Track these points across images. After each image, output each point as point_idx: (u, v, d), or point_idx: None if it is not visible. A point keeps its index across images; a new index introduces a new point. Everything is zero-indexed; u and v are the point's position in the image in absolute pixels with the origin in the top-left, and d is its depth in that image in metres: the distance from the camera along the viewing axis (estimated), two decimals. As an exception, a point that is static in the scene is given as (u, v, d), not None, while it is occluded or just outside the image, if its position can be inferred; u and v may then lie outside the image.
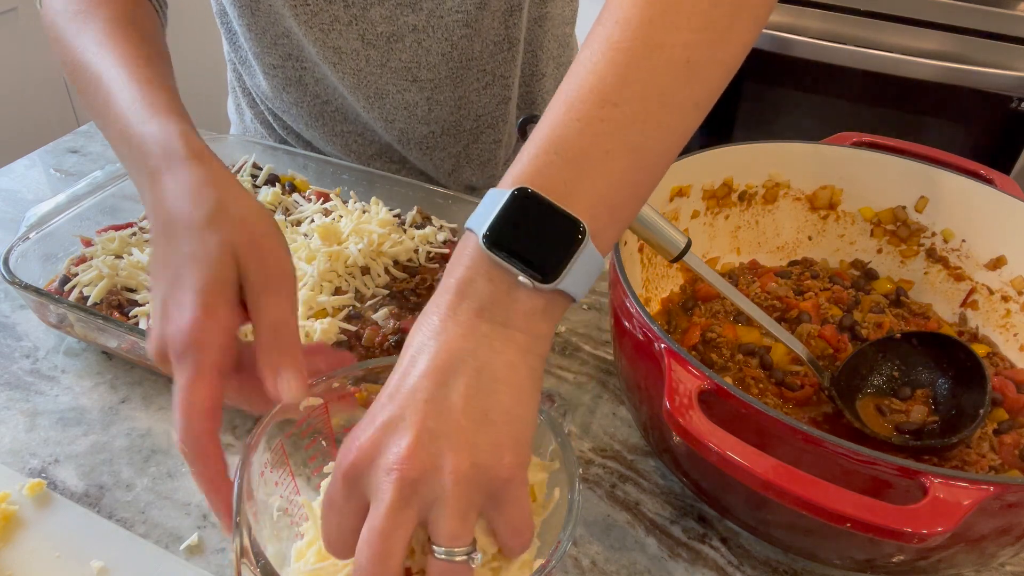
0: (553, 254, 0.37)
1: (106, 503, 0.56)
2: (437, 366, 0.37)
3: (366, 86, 0.78)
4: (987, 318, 0.67)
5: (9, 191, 0.91)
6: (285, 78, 0.81)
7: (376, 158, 0.88)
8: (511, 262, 0.37)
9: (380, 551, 0.35)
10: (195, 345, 0.42)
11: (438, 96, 0.80)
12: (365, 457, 0.36)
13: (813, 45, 1.47)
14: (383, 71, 0.77)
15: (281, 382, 0.43)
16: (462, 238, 0.39)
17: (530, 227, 0.37)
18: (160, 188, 0.47)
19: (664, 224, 0.56)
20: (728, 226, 0.73)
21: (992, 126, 1.47)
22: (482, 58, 0.80)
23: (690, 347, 0.64)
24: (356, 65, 0.76)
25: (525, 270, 0.37)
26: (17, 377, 0.67)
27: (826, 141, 0.70)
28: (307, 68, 0.79)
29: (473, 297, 0.37)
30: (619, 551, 0.55)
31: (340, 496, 0.37)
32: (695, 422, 0.42)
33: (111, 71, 0.52)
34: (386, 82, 0.78)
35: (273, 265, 0.45)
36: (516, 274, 0.37)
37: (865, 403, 0.60)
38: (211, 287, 0.43)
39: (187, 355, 0.42)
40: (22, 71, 1.92)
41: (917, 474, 0.40)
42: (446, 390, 0.36)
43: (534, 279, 0.37)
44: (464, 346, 0.37)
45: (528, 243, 0.37)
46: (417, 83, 0.78)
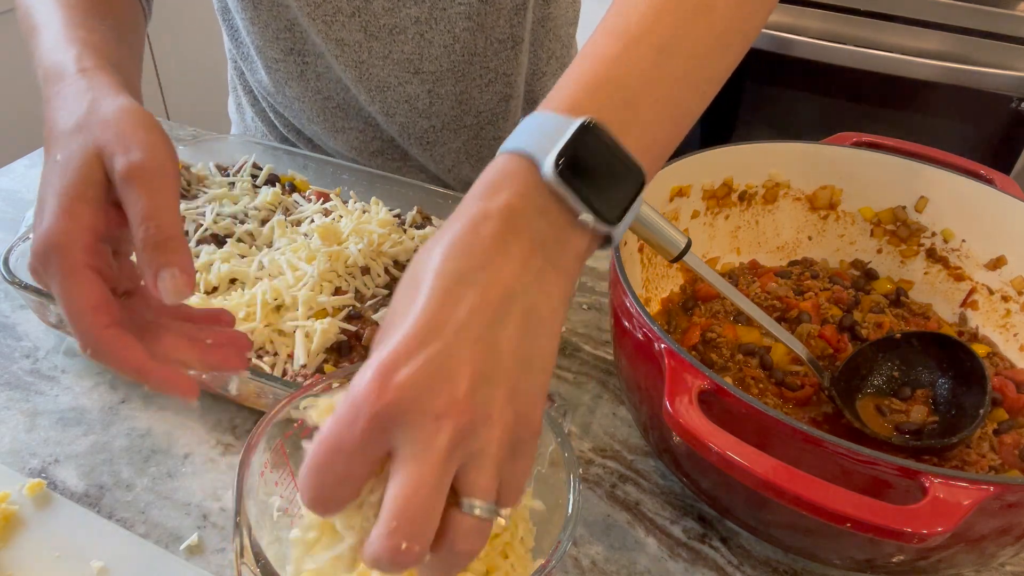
0: (617, 195, 0.36)
1: (106, 503, 0.56)
2: (489, 302, 0.33)
3: (368, 79, 0.78)
4: (987, 318, 0.67)
5: (9, 191, 0.91)
6: (287, 73, 0.81)
7: (378, 155, 0.88)
8: (577, 198, 0.35)
9: (428, 508, 0.31)
10: (56, 248, 0.40)
11: (439, 89, 0.81)
12: (406, 398, 0.31)
13: (813, 45, 1.47)
14: (385, 63, 0.77)
15: (160, 281, 0.40)
16: (502, 160, 0.36)
17: (598, 163, 0.35)
18: (47, 110, 0.46)
19: (664, 224, 0.56)
20: (728, 226, 0.73)
21: (992, 126, 1.47)
22: (486, 55, 0.80)
23: (690, 347, 0.64)
24: (359, 57, 0.77)
25: (588, 208, 0.35)
26: (17, 377, 0.67)
27: (826, 141, 0.70)
28: (309, 63, 0.79)
29: (527, 230, 0.34)
30: (619, 551, 0.55)
31: (359, 439, 0.31)
32: (695, 422, 0.42)
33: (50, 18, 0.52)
34: (388, 74, 0.78)
35: (143, 156, 0.42)
36: (579, 211, 0.35)
37: (865, 403, 0.60)
38: (70, 190, 0.42)
39: (51, 260, 0.40)
40: (22, 71, 1.92)
41: (917, 474, 0.40)
42: (497, 329, 0.33)
43: (598, 219, 0.35)
44: (517, 284, 0.34)
45: (595, 180, 0.35)
46: (419, 75, 0.79)
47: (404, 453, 0.31)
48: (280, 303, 0.66)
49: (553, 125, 0.36)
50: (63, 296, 0.41)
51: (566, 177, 0.34)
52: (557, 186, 0.35)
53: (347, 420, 0.31)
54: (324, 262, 0.68)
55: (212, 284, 0.68)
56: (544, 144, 0.35)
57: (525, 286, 0.34)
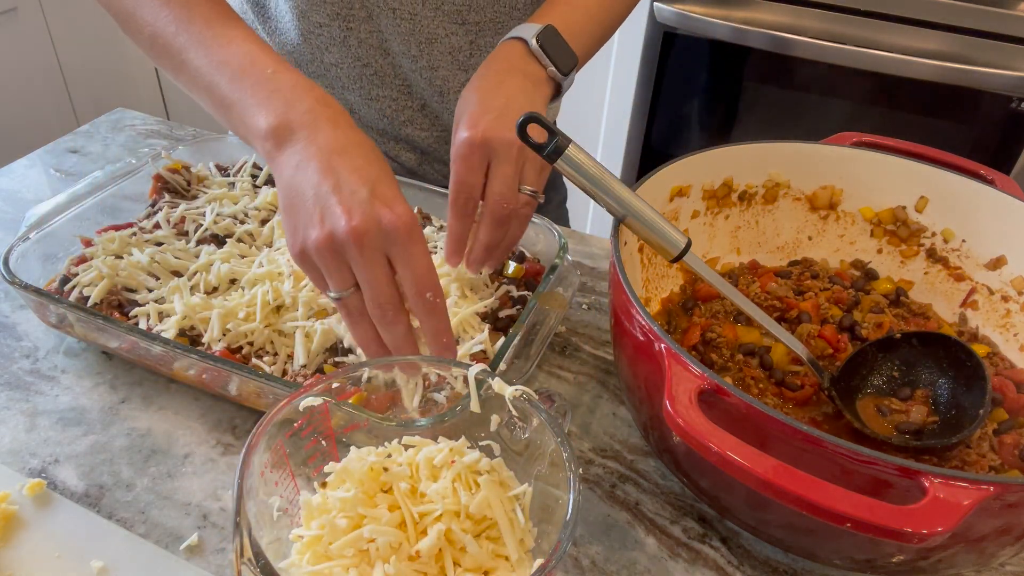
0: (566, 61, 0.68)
1: (106, 503, 0.56)
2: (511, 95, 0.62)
3: (419, 32, 0.80)
4: (987, 318, 0.67)
5: (9, 191, 0.91)
6: (330, 38, 0.81)
7: (408, 123, 0.89)
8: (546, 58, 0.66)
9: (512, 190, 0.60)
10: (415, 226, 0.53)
11: (480, 40, 0.83)
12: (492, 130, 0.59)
13: (813, 45, 1.47)
14: (436, 14, 0.80)
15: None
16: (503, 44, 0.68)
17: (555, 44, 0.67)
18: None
19: (664, 224, 0.56)
20: (728, 226, 0.73)
21: (992, 126, 1.46)
22: (525, 8, 0.84)
23: (690, 347, 0.64)
24: (413, 9, 0.79)
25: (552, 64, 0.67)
26: (17, 377, 0.67)
27: (826, 141, 0.70)
28: (352, 28, 0.80)
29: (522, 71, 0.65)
30: (619, 551, 0.55)
31: (477, 159, 0.59)
32: (695, 422, 0.42)
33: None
34: (437, 26, 0.81)
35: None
36: (547, 65, 0.66)
37: (865, 403, 0.60)
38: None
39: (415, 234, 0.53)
40: (22, 71, 1.92)
41: (917, 474, 0.40)
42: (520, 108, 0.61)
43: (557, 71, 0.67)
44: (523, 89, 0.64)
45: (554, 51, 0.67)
46: (464, 26, 0.82)
47: (496, 161, 0.60)
48: (280, 303, 0.66)
49: (531, 26, 0.67)
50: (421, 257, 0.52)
51: (542, 46, 0.66)
52: (537, 51, 0.66)
53: (463, 152, 0.59)
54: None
55: (212, 284, 0.68)
56: (527, 32, 0.67)
57: (526, 93, 0.64)
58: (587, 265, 0.83)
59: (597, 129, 1.87)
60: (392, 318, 0.53)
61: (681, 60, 1.65)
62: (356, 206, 0.51)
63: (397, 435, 0.50)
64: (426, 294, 0.52)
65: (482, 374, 0.50)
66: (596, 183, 0.55)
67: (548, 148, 0.54)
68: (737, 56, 1.58)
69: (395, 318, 0.53)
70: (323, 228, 0.51)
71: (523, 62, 0.66)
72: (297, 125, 0.55)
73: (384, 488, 0.46)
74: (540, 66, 0.66)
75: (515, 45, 0.67)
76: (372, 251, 0.51)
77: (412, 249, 0.51)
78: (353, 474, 0.46)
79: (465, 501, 0.44)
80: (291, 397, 0.48)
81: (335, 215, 0.51)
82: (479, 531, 0.45)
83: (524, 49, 0.66)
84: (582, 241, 0.87)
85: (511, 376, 0.60)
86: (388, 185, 0.53)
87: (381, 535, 0.43)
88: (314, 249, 0.52)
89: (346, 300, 0.54)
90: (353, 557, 0.43)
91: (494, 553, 0.44)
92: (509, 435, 0.50)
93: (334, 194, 0.51)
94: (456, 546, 0.44)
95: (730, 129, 1.71)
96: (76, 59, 2.04)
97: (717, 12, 1.56)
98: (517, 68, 0.65)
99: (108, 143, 1.02)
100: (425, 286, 0.52)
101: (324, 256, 0.52)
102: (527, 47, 0.66)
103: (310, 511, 0.46)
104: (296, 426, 0.48)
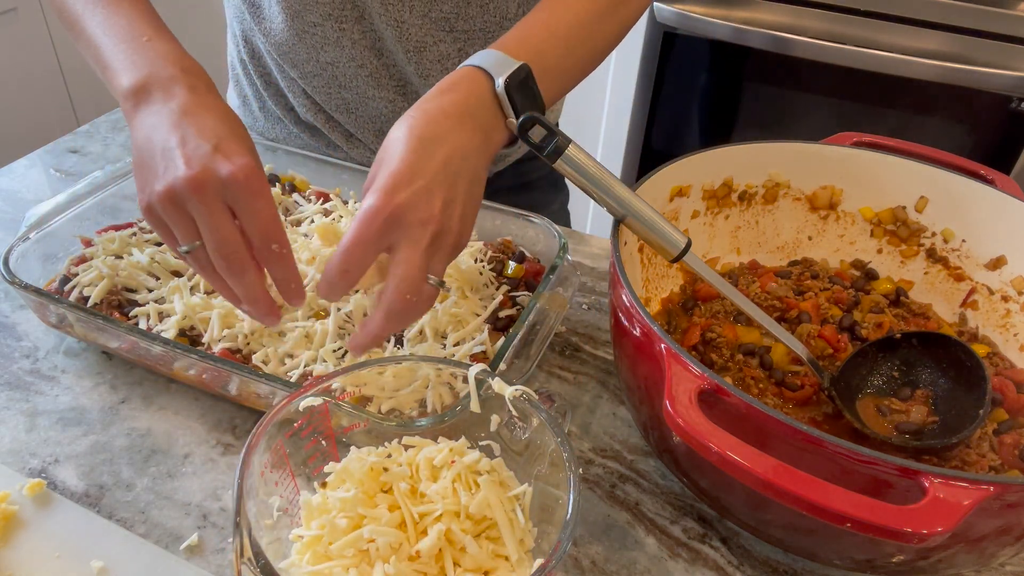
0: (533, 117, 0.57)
1: (106, 503, 0.56)
2: (452, 157, 0.53)
3: (407, 38, 0.80)
4: (987, 318, 0.67)
5: (9, 191, 0.91)
6: (324, 38, 0.81)
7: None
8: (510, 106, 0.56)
9: (418, 281, 0.51)
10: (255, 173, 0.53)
11: (469, 48, 0.83)
12: (405, 207, 0.50)
13: (813, 45, 1.47)
14: (424, 21, 0.79)
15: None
16: (464, 70, 0.57)
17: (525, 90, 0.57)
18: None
19: (664, 224, 0.56)
20: (728, 226, 0.73)
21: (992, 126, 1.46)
22: (516, 17, 0.83)
23: (690, 347, 0.64)
24: (400, 16, 0.78)
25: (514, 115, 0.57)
26: (17, 377, 0.67)
27: (826, 141, 0.70)
28: (345, 29, 0.80)
29: (475, 118, 0.56)
30: (619, 551, 0.55)
31: (375, 234, 0.50)
32: (695, 422, 0.42)
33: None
34: (425, 34, 0.80)
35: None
36: (509, 115, 0.57)
37: (865, 403, 0.60)
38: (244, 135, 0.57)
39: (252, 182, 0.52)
40: (22, 71, 1.92)
41: (917, 474, 0.40)
42: (456, 175, 0.53)
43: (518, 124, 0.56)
44: (468, 148, 0.55)
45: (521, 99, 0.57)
46: (453, 34, 0.81)
47: (404, 244, 0.51)
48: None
49: (504, 60, 0.57)
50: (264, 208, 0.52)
51: (508, 90, 0.56)
52: (502, 95, 0.56)
53: (367, 221, 0.50)
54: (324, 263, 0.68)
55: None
56: (497, 68, 0.57)
57: (473, 151, 0.55)
58: (587, 265, 0.83)
59: (597, 129, 1.87)
60: (237, 268, 0.53)
61: (681, 60, 1.65)
62: (196, 158, 0.52)
63: (397, 435, 0.50)
64: (271, 245, 0.52)
65: (482, 374, 0.50)
66: (596, 183, 0.55)
67: (548, 148, 0.54)
68: (737, 56, 1.58)
69: (240, 268, 0.53)
70: (164, 180, 0.52)
71: (479, 104, 0.56)
72: (155, 87, 0.56)
73: (384, 488, 0.46)
74: (499, 113, 0.57)
75: (478, 80, 0.57)
76: (211, 200, 0.51)
77: (253, 200, 0.52)
78: (353, 474, 0.46)
79: (465, 501, 0.44)
80: (291, 397, 0.48)
81: (176, 167, 0.51)
82: (479, 531, 0.45)
83: (487, 88, 0.56)
84: (582, 241, 0.87)
85: (511, 376, 0.60)
86: (234, 141, 0.53)
87: (381, 535, 0.43)
88: (157, 201, 0.53)
89: (195, 253, 0.54)
90: (353, 557, 0.43)
91: (494, 553, 0.44)
92: (509, 435, 0.50)
93: (178, 149, 0.52)
94: (456, 546, 0.44)
95: (730, 129, 1.71)
96: (76, 59, 2.04)
97: (717, 12, 1.56)
98: (470, 113, 0.56)
99: (108, 143, 1.02)
100: (269, 236, 0.52)
101: (167, 208, 0.53)
102: (491, 86, 0.56)
103: (310, 511, 0.46)
104: (296, 426, 0.48)
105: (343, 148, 0.91)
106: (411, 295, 0.51)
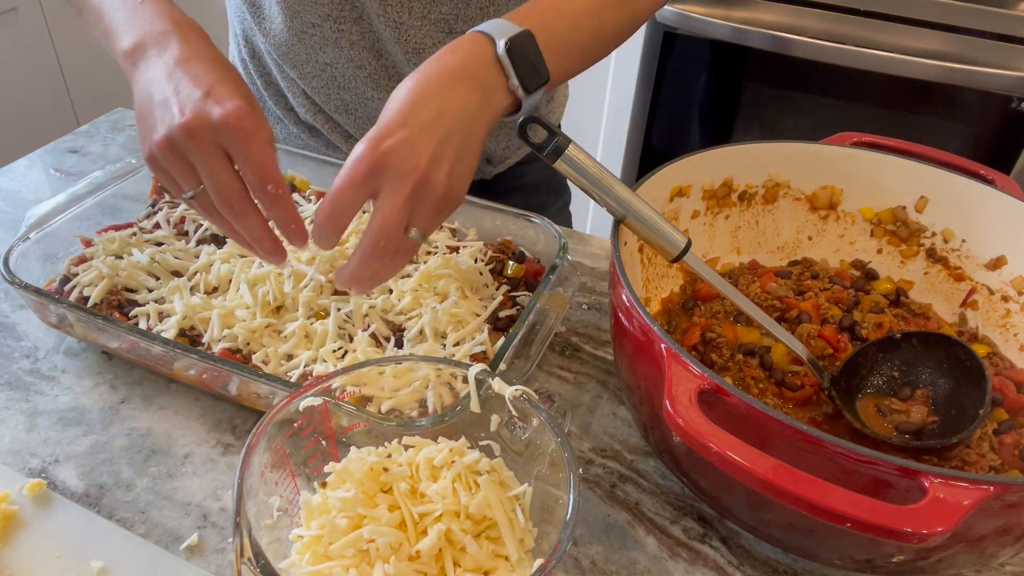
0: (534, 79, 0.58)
1: (106, 503, 0.56)
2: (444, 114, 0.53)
3: (406, 40, 0.80)
4: (987, 318, 0.67)
5: (9, 191, 0.91)
6: (323, 38, 0.81)
7: None
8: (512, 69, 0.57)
9: (393, 228, 0.52)
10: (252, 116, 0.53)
11: None
12: (390, 155, 0.51)
13: (813, 45, 1.47)
14: (423, 23, 0.79)
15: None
16: (469, 35, 0.58)
17: (527, 55, 0.58)
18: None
19: (664, 224, 0.56)
20: (728, 226, 0.73)
21: (992, 126, 1.46)
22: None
23: (690, 347, 0.64)
24: (399, 17, 0.78)
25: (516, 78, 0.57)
26: (17, 377, 0.67)
27: (826, 141, 0.70)
28: (344, 30, 0.80)
29: (475, 78, 0.56)
30: (619, 551, 0.55)
31: (360, 179, 0.51)
32: (695, 422, 0.42)
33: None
34: (424, 35, 0.80)
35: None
36: (510, 77, 0.57)
37: (865, 403, 0.60)
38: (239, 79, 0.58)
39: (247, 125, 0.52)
40: (22, 71, 1.92)
41: (917, 474, 0.40)
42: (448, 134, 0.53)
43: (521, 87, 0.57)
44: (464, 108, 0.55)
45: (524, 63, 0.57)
46: (452, 35, 0.80)
47: (385, 192, 0.52)
48: (280, 304, 0.66)
49: (508, 26, 0.58)
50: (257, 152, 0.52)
51: (510, 53, 0.56)
52: (503, 57, 0.57)
53: (353, 167, 0.51)
54: (324, 263, 0.68)
55: (212, 284, 0.68)
56: (499, 32, 0.57)
57: (470, 110, 0.55)
58: (587, 265, 0.83)
59: (597, 129, 1.87)
60: (239, 209, 0.54)
61: (681, 60, 1.65)
62: (189, 104, 0.53)
63: (397, 435, 0.50)
64: (267, 186, 0.54)
65: (482, 374, 0.50)
66: (596, 183, 0.55)
67: (548, 148, 0.54)
68: (737, 56, 1.58)
69: (242, 209, 0.54)
70: (161, 130, 0.54)
71: (481, 65, 0.56)
72: (150, 44, 0.58)
73: (384, 488, 0.46)
74: (502, 75, 0.57)
75: (480, 42, 0.57)
76: (206, 145, 0.53)
77: (247, 143, 0.53)
78: (353, 474, 0.46)
79: (465, 501, 0.44)
80: (291, 397, 0.48)
81: (172, 115, 0.53)
82: (479, 531, 0.45)
83: (489, 50, 0.57)
84: (582, 241, 0.87)
85: (511, 376, 0.60)
86: (226, 86, 0.54)
87: (381, 535, 0.43)
88: (157, 150, 0.54)
89: (199, 198, 0.56)
90: (353, 557, 0.43)
91: (494, 553, 0.44)
92: (509, 435, 0.50)
93: (173, 97, 0.54)
94: (456, 546, 0.44)
95: (730, 129, 1.71)
96: (76, 59, 2.04)
97: (717, 12, 1.56)
98: (470, 73, 0.56)
99: (108, 143, 1.02)
100: (264, 178, 0.53)
101: (167, 156, 0.54)
102: (493, 50, 0.57)
103: (310, 511, 0.46)
104: (296, 426, 0.48)
105: (342, 148, 0.91)
106: (385, 242, 0.52)
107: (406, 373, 0.55)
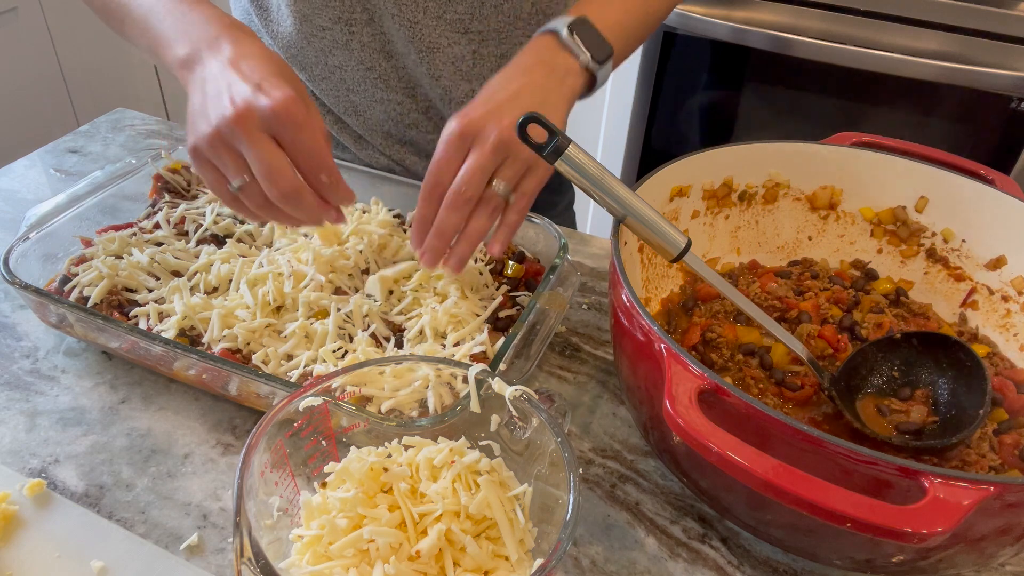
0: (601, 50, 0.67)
1: (106, 503, 0.56)
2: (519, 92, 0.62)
3: (420, 39, 0.80)
4: (987, 318, 0.67)
5: (9, 191, 0.91)
6: (333, 41, 0.82)
7: (412, 127, 0.89)
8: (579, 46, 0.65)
9: (478, 175, 0.58)
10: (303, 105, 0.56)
11: (483, 50, 0.83)
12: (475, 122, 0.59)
13: (813, 45, 1.47)
14: (438, 23, 0.79)
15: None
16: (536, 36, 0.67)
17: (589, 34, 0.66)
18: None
19: (664, 224, 0.56)
20: (728, 226, 0.73)
21: (992, 126, 1.46)
22: (529, 19, 0.83)
23: (690, 347, 0.64)
24: (414, 17, 0.79)
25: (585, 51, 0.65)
26: (17, 377, 0.67)
27: (826, 141, 0.70)
28: (355, 32, 0.80)
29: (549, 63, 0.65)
30: (619, 551, 0.55)
31: (453, 150, 0.59)
32: (695, 422, 0.42)
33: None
34: (439, 35, 0.80)
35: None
36: (579, 55, 0.65)
37: (865, 403, 0.60)
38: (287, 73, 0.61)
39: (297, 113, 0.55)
40: (22, 71, 1.92)
41: (917, 474, 0.40)
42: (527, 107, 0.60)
43: (591, 59, 0.66)
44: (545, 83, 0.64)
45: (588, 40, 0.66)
46: (467, 35, 0.81)
47: (473, 147, 0.59)
48: (280, 304, 0.66)
49: (565, 18, 0.66)
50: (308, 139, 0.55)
51: (572, 34, 0.65)
52: (568, 40, 0.65)
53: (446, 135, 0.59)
54: (324, 263, 0.68)
55: (212, 284, 0.68)
56: (560, 23, 0.66)
57: (546, 88, 0.63)
58: (587, 265, 0.83)
59: (597, 129, 1.87)
60: (291, 192, 0.56)
61: (681, 60, 1.65)
62: (239, 96, 0.55)
63: (397, 435, 0.50)
64: (319, 175, 0.55)
65: (482, 374, 0.50)
66: (596, 183, 0.55)
67: (548, 148, 0.54)
68: (737, 56, 1.58)
69: (294, 193, 0.56)
70: (212, 121, 0.55)
71: (551, 53, 0.65)
72: (204, 49, 0.60)
73: (384, 488, 0.46)
74: (572, 56, 0.65)
75: (545, 38, 0.66)
76: (255, 132, 0.54)
77: (297, 131, 0.54)
78: (353, 474, 0.46)
79: (465, 501, 0.44)
80: (291, 397, 0.48)
81: (223, 107, 0.55)
82: (479, 531, 0.45)
83: (554, 41, 0.65)
84: (582, 241, 0.87)
85: (511, 376, 0.60)
86: (277, 78, 0.56)
87: (381, 535, 0.43)
88: (205, 142, 0.55)
89: (246, 189, 0.57)
90: (353, 557, 0.43)
91: (494, 553, 0.44)
92: (509, 435, 0.50)
93: (225, 93, 0.56)
94: (456, 546, 0.44)
95: (730, 129, 1.71)
96: (76, 59, 2.04)
97: (717, 12, 1.56)
98: (543, 61, 0.64)
99: (108, 143, 1.02)
100: (317, 167, 0.55)
101: (215, 147, 0.55)
102: (558, 38, 0.65)
103: (310, 511, 0.46)
104: (296, 426, 0.48)
105: (351, 150, 0.91)
106: (467, 187, 0.58)
107: (406, 373, 0.55)
